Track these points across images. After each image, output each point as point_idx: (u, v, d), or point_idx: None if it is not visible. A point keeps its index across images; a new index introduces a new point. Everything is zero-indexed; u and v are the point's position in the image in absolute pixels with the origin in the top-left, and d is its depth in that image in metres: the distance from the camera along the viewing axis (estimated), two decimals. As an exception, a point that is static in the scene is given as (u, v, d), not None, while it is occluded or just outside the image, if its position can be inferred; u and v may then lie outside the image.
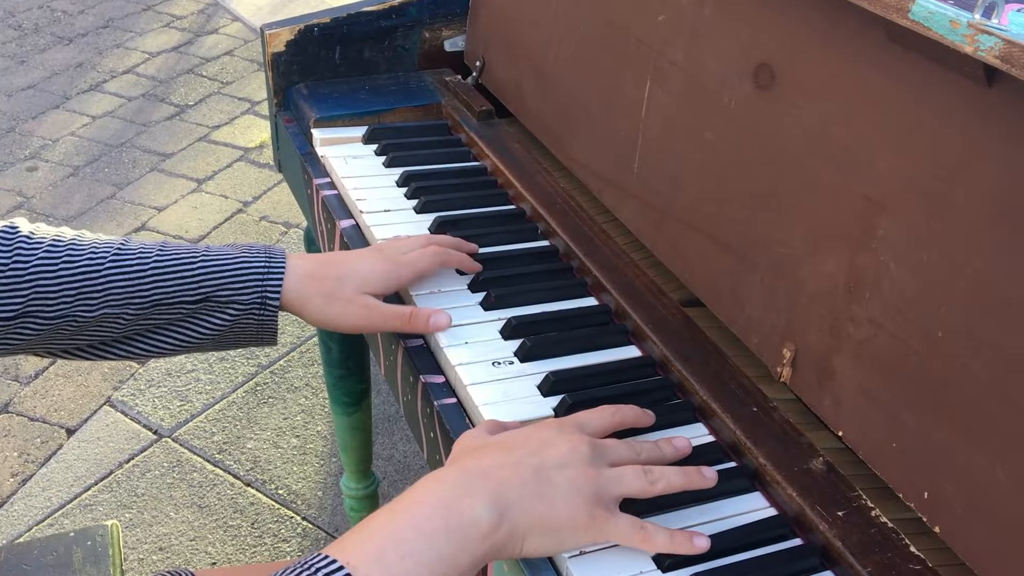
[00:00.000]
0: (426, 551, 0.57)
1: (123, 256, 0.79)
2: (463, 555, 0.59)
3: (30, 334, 0.77)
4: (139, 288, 0.79)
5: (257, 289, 0.82)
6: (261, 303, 0.82)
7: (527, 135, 1.18)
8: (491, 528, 0.60)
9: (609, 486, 0.64)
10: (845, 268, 0.71)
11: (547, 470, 0.63)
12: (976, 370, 0.60)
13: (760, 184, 0.79)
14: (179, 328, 0.82)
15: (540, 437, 0.66)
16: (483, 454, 0.65)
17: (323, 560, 0.56)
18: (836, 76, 0.71)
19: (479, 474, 0.62)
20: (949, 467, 0.62)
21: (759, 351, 0.79)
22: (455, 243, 0.95)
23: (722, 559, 0.66)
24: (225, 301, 0.81)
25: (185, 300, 0.80)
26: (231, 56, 3.58)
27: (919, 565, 0.64)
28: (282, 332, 2.19)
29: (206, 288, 0.80)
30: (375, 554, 0.56)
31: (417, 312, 0.85)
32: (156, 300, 0.79)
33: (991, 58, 0.55)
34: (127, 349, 0.82)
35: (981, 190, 0.60)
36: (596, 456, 0.66)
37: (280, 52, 1.24)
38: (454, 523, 0.59)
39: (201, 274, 0.80)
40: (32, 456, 1.89)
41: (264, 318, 0.83)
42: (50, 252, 0.77)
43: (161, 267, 0.79)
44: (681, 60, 0.88)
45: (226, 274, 0.81)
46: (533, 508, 0.61)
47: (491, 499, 0.60)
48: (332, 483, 1.82)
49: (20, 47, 3.66)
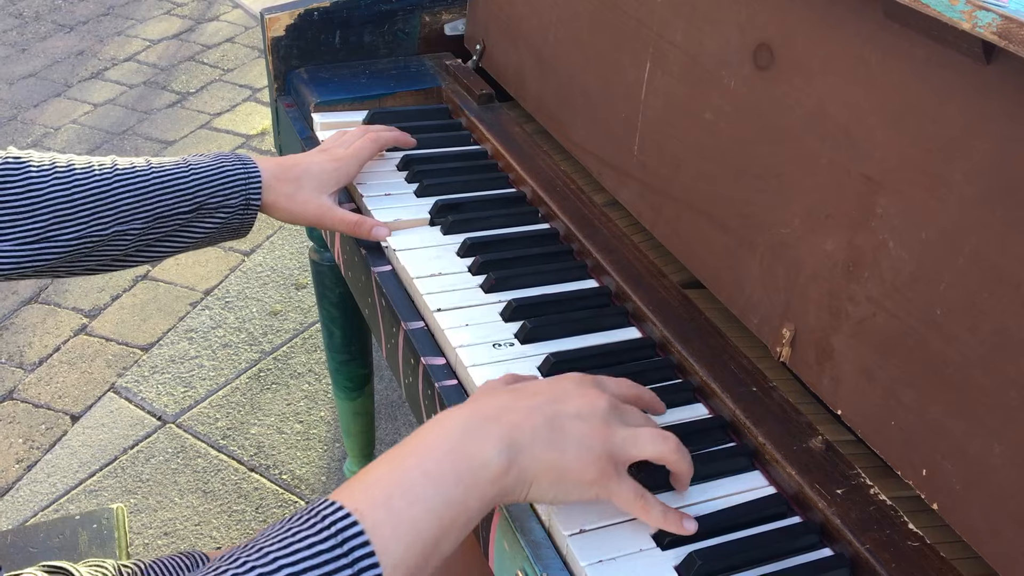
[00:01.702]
0: (434, 496, 0.56)
1: (126, 175, 0.87)
2: (472, 499, 0.58)
3: (51, 256, 0.84)
4: (144, 204, 0.87)
5: (241, 193, 0.92)
6: (245, 205, 0.93)
7: (527, 118, 1.17)
8: (501, 472, 0.59)
9: (625, 446, 0.64)
10: (844, 247, 0.71)
11: (561, 419, 0.62)
12: (974, 348, 0.60)
13: (759, 164, 0.79)
14: (177, 235, 0.91)
15: (560, 387, 0.65)
16: (497, 397, 0.64)
17: (329, 506, 0.55)
18: (834, 55, 0.71)
19: (492, 416, 0.61)
20: (947, 445, 0.62)
21: (759, 331, 0.80)
22: (389, 128, 1.09)
23: (721, 536, 0.66)
24: (215, 207, 0.91)
25: (181, 211, 0.89)
26: (232, 43, 3.58)
27: (917, 542, 0.64)
28: (285, 319, 2.20)
29: (199, 198, 0.90)
30: (382, 500, 0.55)
31: (363, 221, 0.97)
32: (159, 213, 0.88)
33: (989, 34, 0.55)
34: (134, 260, 0.91)
35: (980, 168, 0.60)
36: (613, 414, 0.65)
37: (280, 37, 1.24)
38: (464, 467, 0.58)
39: (195, 186, 0.89)
40: (37, 442, 1.90)
41: (247, 216, 0.94)
42: (60, 177, 0.84)
43: (160, 182, 0.88)
44: (680, 41, 0.88)
45: (215, 183, 0.90)
46: (543, 454, 0.61)
47: (502, 442, 0.59)
48: (336, 468, 1.82)
49: (21, 35, 3.66)
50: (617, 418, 0.65)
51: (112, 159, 0.89)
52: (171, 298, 2.29)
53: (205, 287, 2.32)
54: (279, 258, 2.41)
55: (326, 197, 0.97)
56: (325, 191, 0.97)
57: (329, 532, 0.53)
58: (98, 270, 0.89)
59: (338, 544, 0.53)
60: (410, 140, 1.10)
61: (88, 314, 2.24)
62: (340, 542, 0.53)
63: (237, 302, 2.27)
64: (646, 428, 0.65)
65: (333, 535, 0.53)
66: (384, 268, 0.96)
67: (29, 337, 2.17)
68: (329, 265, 1.37)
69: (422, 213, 1.02)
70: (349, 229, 0.97)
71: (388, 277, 0.95)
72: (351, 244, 1.03)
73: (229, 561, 0.52)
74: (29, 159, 0.84)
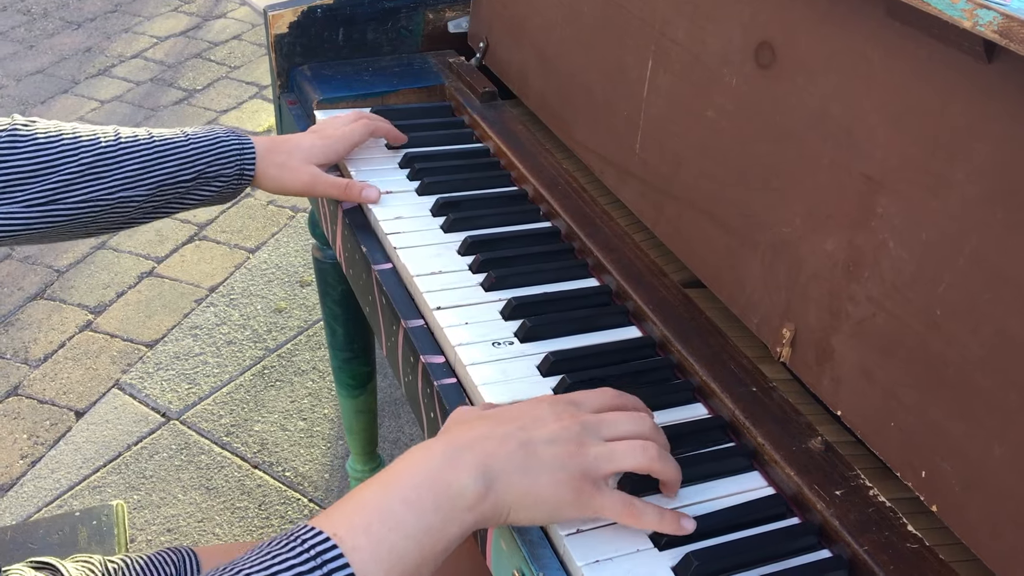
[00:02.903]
0: (414, 523, 0.57)
1: (130, 143, 0.92)
2: (450, 526, 0.59)
3: (60, 219, 0.88)
4: (147, 171, 0.92)
5: (236, 164, 0.98)
6: (240, 175, 0.98)
7: (530, 116, 1.17)
8: (477, 499, 0.60)
9: (599, 463, 0.64)
10: (845, 247, 0.70)
11: (534, 445, 0.63)
12: (974, 349, 0.60)
13: (761, 163, 0.79)
14: (177, 201, 0.96)
15: (533, 414, 0.66)
16: (471, 427, 0.64)
17: (310, 532, 0.56)
18: (836, 53, 0.71)
19: (466, 446, 0.62)
20: (947, 446, 0.62)
21: (759, 331, 0.79)
22: (376, 117, 1.11)
23: (720, 537, 0.66)
24: (213, 176, 0.97)
25: (183, 179, 0.95)
26: (239, 40, 3.58)
27: (916, 544, 0.64)
28: (289, 316, 2.20)
29: (199, 166, 0.95)
30: (362, 526, 0.56)
31: (352, 184, 1.01)
32: (161, 180, 0.93)
33: (990, 33, 0.54)
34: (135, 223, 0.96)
35: (981, 167, 0.60)
36: (587, 433, 0.65)
37: (283, 34, 1.24)
38: (441, 495, 0.59)
39: (194, 155, 0.95)
40: (41, 438, 1.90)
41: (240, 185, 1.00)
42: (67, 143, 0.88)
43: (163, 151, 0.93)
44: (683, 39, 0.88)
45: (212, 153, 0.96)
46: (518, 482, 0.62)
47: (477, 471, 0.60)
48: (339, 465, 1.83)
49: (29, 32, 3.67)
50: (592, 436, 0.65)
51: (114, 128, 0.93)
52: (176, 295, 2.29)
53: (210, 284, 2.32)
54: (284, 255, 2.41)
55: (315, 167, 1.01)
56: (313, 162, 1.02)
57: (309, 555, 0.54)
58: (101, 232, 0.94)
59: (318, 566, 0.54)
60: (401, 137, 1.12)
61: (93, 310, 2.25)
62: (320, 564, 0.54)
63: (242, 299, 2.27)
64: (622, 442, 0.65)
65: (313, 558, 0.54)
66: (385, 266, 0.96)
67: (34, 333, 2.18)
68: (331, 263, 1.37)
69: (424, 211, 1.02)
70: (340, 192, 1.01)
71: (388, 275, 0.95)
72: (352, 242, 1.02)
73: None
74: (36, 126, 0.88)
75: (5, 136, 0.85)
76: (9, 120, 0.87)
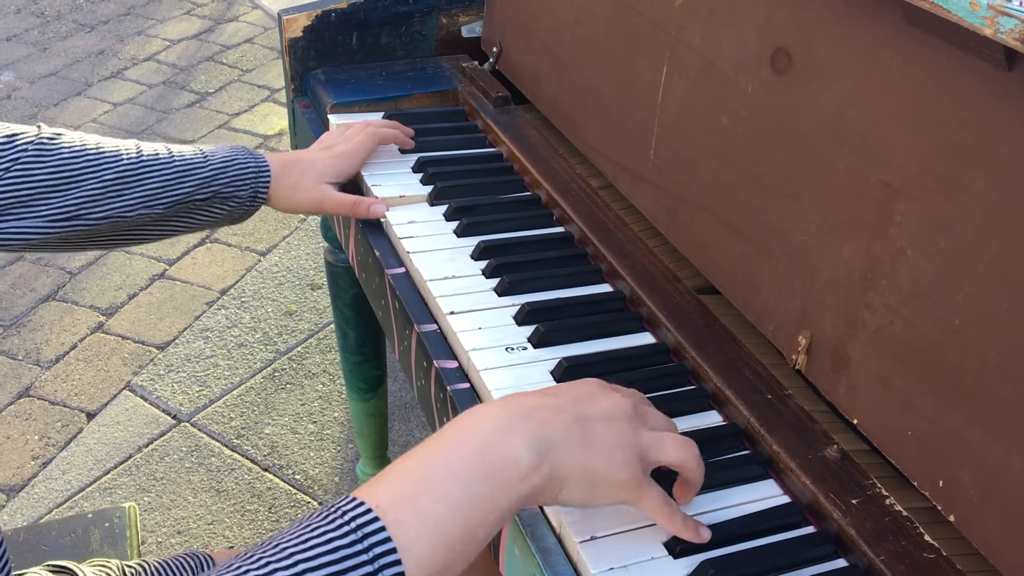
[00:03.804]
0: (461, 494, 0.54)
1: (151, 163, 0.92)
2: (501, 497, 0.55)
3: (79, 232, 0.88)
4: (167, 190, 0.92)
5: (251, 185, 0.98)
6: (253, 196, 0.99)
7: (543, 121, 1.17)
8: (531, 469, 0.57)
9: (650, 448, 0.62)
10: (862, 255, 0.70)
11: (590, 420, 0.61)
12: (993, 357, 0.59)
13: (777, 170, 0.78)
14: (186, 218, 0.97)
15: (583, 390, 0.64)
16: (526, 397, 0.62)
17: (351, 503, 0.53)
18: (854, 60, 0.70)
19: (522, 413, 0.59)
20: (965, 455, 0.61)
21: (774, 338, 0.79)
22: (390, 124, 1.12)
23: (734, 545, 0.65)
24: (227, 196, 0.97)
25: (197, 198, 0.95)
26: (251, 44, 3.59)
27: (933, 554, 0.63)
28: (300, 319, 2.20)
29: (214, 187, 0.95)
30: (406, 497, 0.53)
31: (359, 201, 1.02)
32: (178, 200, 0.93)
33: (1011, 40, 0.54)
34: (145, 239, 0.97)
35: (1000, 175, 0.59)
36: (638, 416, 0.64)
37: (297, 38, 1.24)
38: (492, 464, 0.56)
39: (212, 175, 0.95)
40: (53, 439, 1.91)
41: (252, 207, 1.00)
42: (91, 159, 0.89)
43: (183, 171, 0.93)
44: (698, 44, 0.87)
45: (228, 174, 0.96)
46: (575, 453, 0.59)
47: (532, 439, 0.57)
48: (349, 469, 1.83)
49: (42, 34, 3.69)
50: (642, 420, 0.64)
51: (135, 144, 0.93)
52: (187, 297, 2.30)
53: (221, 287, 2.33)
54: (295, 258, 2.42)
55: (325, 185, 1.02)
56: (324, 181, 1.02)
57: (349, 528, 0.51)
58: (113, 246, 0.95)
59: (358, 539, 0.51)
60: (408, 141, 1.12)
61: (105, 312, 2.26)
62: (360, 537, 0.51)
63: (253, 302, 2.27)
64: (670, 433, 0.65)
65: (353, 530, 0.51)
66: (398, 270, 0.96)
67: (46, 335, 2.18)
68: (344, 266, 1.37)
69: (437, 216, 1.02)
70: (348, 210, 1.02)
71: (402, 279, 0.95)
72: (365, 245, 1.02)
73: (246, 559, 0.50)
74: (61, 139, 0.88)
75: (32, 148, 0.85)
76: (36, 130, 0.87)
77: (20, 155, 0.83)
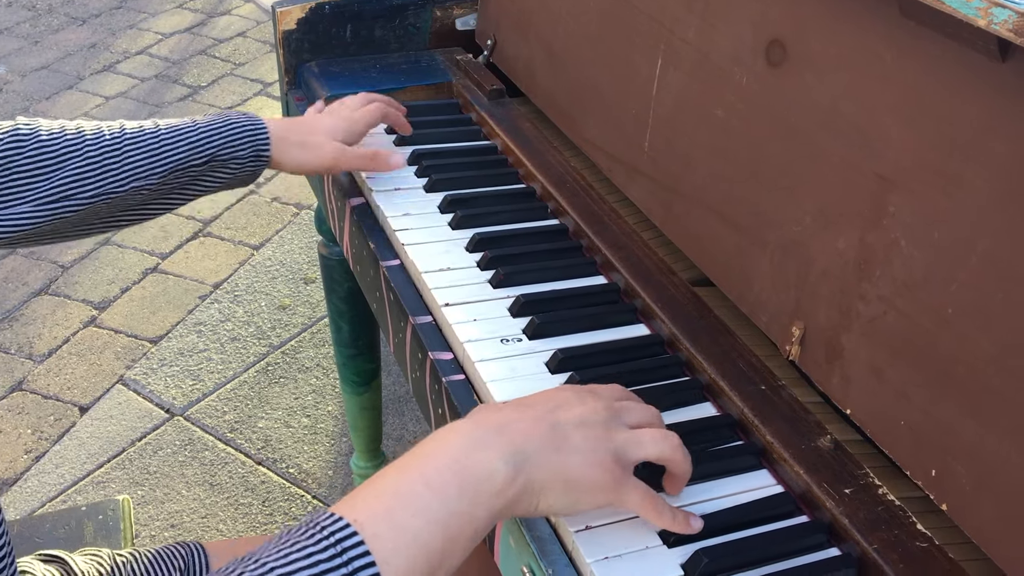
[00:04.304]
0: (438, 508, 0.55)
1: (134, 136, 0.91)
2: (478, 510, 0.57)
3: (71, 213, 0.87)
4: (156, 159, 0.91)
5: (250, 144, 0.96)
6: (255, 156, 0.97)
7: (538, 114, 1.17)
8: (506, 483, 0.58)
9: (627, 448, 0.63)
10: (856, 246, 0.70)
11: (565, 427, 0.62)
12: (986, 348, 0.60)
13: (771, 162, 0.79)
14: (192, 185, 0.96)
15: (558, 398, 0.65)
16: (499, 410, 0.63)
17: (330, 518, 0.54)
18: (848, 52, 0.71)
19: (495, 428, 0.60)
20: (957, 445, 0.62)
21: (768, 330, 0.79)
22: (389, 101, 1.11)
23: (729, 535, 0.66)
24: (227, 158, 0.95)
25: (194, 163, 0.93)
26: (244, 37, 3.58)
27: (926, 543, 0.64)
28: (293, 313, 2.20)
29: (209, 150, 0.94)
30: (384, 512, 0.54)
31: (379, 152, 1.01)
32: (171, 167, 0.92)
33: (1005, 31, 0.54)
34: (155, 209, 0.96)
35: (993, 167, 0.60)
36: (613, 418, 0.64)
37: (291, 30, 1.24)
38: (468, 478, 0.57)
39: (204, 139, 0.94)
40: (46, 433, 1.90)
41: (258, 166, 0.98)
42: (70, 140, 0.88)
43: (169, 139, 0.92)
44: (693, 37, 0.88)
45: (223, 136, 0.95)
46: (551, 463, 0.60)
47: (507, 453, 0.58)
48: (342, 462, 1.83)
49: (34, 27, 3.67)
50: (618, 421, 0.65)
51: (120, 122, 0.93)
52: (180, 291, 2.29)
53: (214, 280, 2.32)
54: (288, 252, 2.42)
55: (337, 143, 1.00)
56: (336, 139, 1.01)
57: (328, 542, 0.52)
58: (119, 225, 0.94)
59: (338, 554, 0.52)
60: (407, 126, 1.12)
61: (97, 306, 2.25)
62: (339, 551, 0.52)
63: (246, 296, 2.27)
64: (648, 429, 0.65)
65: (332, 545, 0.52)
66: (393, 262, 0.96)
67: (39, 328, 2.18)
68: (338, 259, 1.37)
69: (432, 208, 1.02)
70: (366, 163, 1.01)
71: (397, 271, 0.95)
72: (360, 238, 1.02)
73: (229, 572, 0.51)
74: (39, 126, 0.88)
75: (7, 138, 0.85)
76: (12, 123, 0.87)
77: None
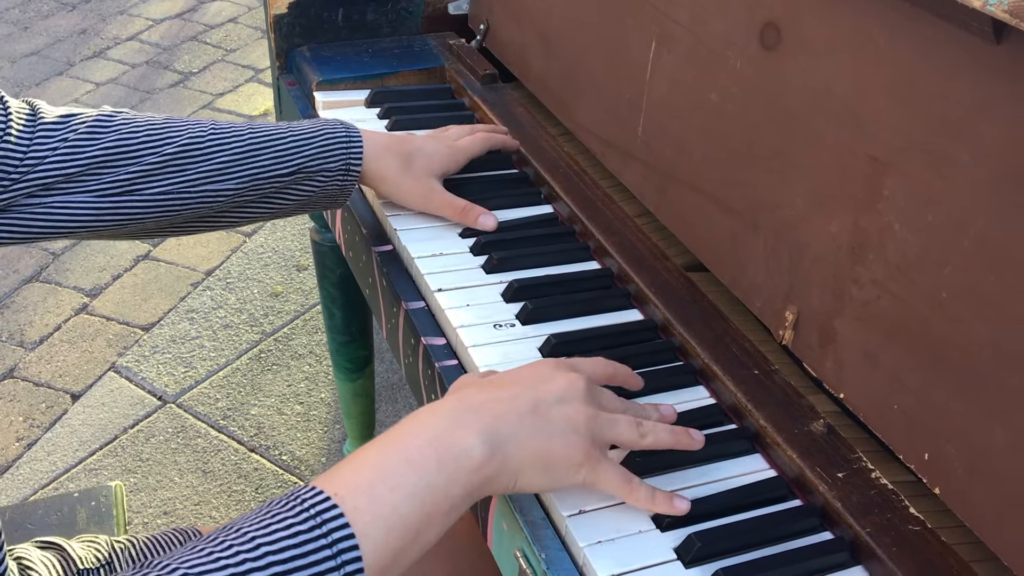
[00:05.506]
0: (415, 482, 0.57)
1: (220, 134, 0.84)
2: (454, 486, 0.58)
3: (132, 211, 0.81)
4: (238, 164, 0.84)
5: (342, 157, 0.88)
6: (346, 170, 0.89)
7: (531, 99, 1.17)
8: (483, 460, 0.59)
9: (604, 428, 0.64)
10: (849, 229, 0.70)
11: (544, 405, 0.63)
12: (979, 331, 0.60)
13: (765, 146, 0.78)
14: (273, 198, 0.88)
15: (538, 373, 0.66)
16: (478, 389, 0.64)
17: (311, 492, 0.55)
18: (843, 34, 0.70)
19: (474, 407, 0.62)
20: (950, 429, 0.62)
21: (761, 314, 0.79)
22: (494, 128, 1.06)
23: (722, 519, 0.66)
24: (315, 171, 0.87)
25: (280, 173, 0.86)
26: (235, 23, 3.56)
27: (919, 526, 0.64)
28: (286, 300, 2.19)
29: (298, 160, 0.86)
30: (364, 485, 0.56)
31: (470, 207, 0.94)
32: (254, 174, 0.85)
33: (1000, 12, 0.54)
34: (227, 220, 0.88)
35: (988, 149, 0.59)
36: (592, 396, 0.65)
37: (282, 14, 1.23)
38: (445, 454, 0.58)
39: (293, 148, 0.86)
40: (37, 421, 1.90)
41: (347, 183, 0.90)
42: (153, 131, 0.81)
43: (257, 143, 0.85)
44: (686, 21, 0.87)
45: (314, 146, 0.87)
46: (528, 442, 0.61)
47: (484, 432, 0.60)
48: (336, 449, 1.83)
49: (23, 13, 3.64)
50: (596, 400, 0.66)
51: (211, 120, 0.87)
52: (172, 278, 2.28)
53: (206, 267, 2.32)
54: (280, 239, 2.41)
55: (435, 179, 0.95)
56: (434, 173, 0.95)
57: (309, 514, 0.54)
58: (176, 232, 0.87)
59: (318, 525, 0.53)
60: (513, 143, 1.06)
61: (89, 293, 2.24)
62: (319, 523, 0.53)
63: (238, 283, 2.26)
64: (622, 415, 0.66)
65: (313, 517, 0.53)
66: (385, 248, 0.96)
67: (30, 315, 2.17)
68: (330, 245, 1.36)
69: (424, 193, 1.02)
70: (455, 214, 0.94)
71: (389, 257, 0.94)
72: (352, 224, 1.02)
73: (211, 541, 0.52)
74: (120, 115, 0.82)
75: (84, 128, 0.79)
76: (95, 111, 0.82)
77: (69, 135, 0.78)
